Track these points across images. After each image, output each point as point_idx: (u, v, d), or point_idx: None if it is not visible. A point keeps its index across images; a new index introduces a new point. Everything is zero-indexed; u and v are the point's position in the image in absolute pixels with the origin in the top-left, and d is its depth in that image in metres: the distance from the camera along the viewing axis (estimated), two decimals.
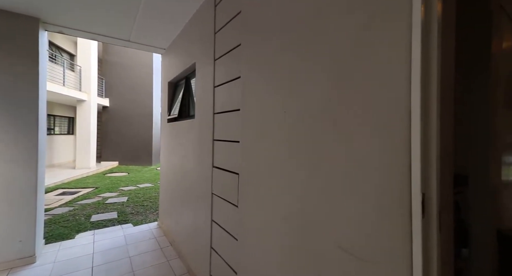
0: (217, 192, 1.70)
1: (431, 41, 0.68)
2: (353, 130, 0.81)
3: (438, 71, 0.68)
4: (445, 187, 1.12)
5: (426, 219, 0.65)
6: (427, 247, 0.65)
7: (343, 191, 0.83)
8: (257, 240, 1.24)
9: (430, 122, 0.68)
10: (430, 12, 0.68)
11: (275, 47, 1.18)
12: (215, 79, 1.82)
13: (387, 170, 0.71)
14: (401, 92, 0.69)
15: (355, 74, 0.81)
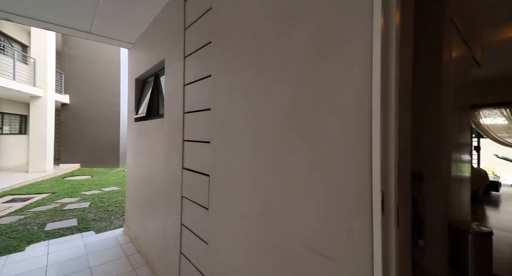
0: (187, 195, 1.64)
1: (390, 48, 0.71)
2: (318, 132, 0.82)
3: (396, 76, 0.72)
4: (403, 185, 1.19)
5: (386, 216, 0.68)
6: (387, 242, 0.68)
7: (309, 191, 0.84)
8: (227, 243, 1.21)
9: (389, 125, 0.71)
10: (389, 21, 0.71)
11: (244, 46, 1.16)
12: (185, 77, 1.75)
13: (350, 170, 0.73)
14: (363, 95, 0.71)
15: (320, 77, 0.82)
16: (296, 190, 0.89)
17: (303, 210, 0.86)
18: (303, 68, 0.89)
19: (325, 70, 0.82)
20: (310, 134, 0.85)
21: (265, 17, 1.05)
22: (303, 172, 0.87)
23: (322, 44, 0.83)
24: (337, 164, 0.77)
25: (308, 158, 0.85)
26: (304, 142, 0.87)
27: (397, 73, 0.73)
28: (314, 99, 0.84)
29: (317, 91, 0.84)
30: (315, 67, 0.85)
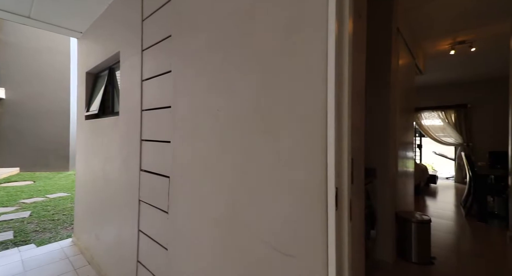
0: (145, 199, 1.53)
1: (343, 53, 0.75)
2: (280, 131, 0.83)
3: (349, 79, 0.76)
4: (358, 180, 1.28)
5: (339, 210, 0.72)
6: (340, 235, 0.72)
7: (272, 190, 0.84)
8: (189, 248, 1.16)
9: (343, 125, 0.75)
10: (342, 27, 0.75)
11: (207, 42, 1.12)
12: (143, 72, 1.63)
13: (309, 168, 0.75)
14: (320, 97, 0.74)
15: (281, 76, 0.83)
16: (260, 189, 0.89)
17: (266, 209, 0.86)
18: (266, 67, 0.89)
19: (286, 70, 0.83)
20: (273, 133, 0.86)
21: (228, 13, 1.03)
22: (266, 171, 0.87)
23: (283, 45, 0.84)
24: (297, 163, 0.79)
25: (271, 157, 0.86)
26: (267, 140, 0.87)
27: (350, 76, 0.77)
28: (276, 99, 0.85)
29: (278, 91, 0.85)
30: (277, 66, 0.85)
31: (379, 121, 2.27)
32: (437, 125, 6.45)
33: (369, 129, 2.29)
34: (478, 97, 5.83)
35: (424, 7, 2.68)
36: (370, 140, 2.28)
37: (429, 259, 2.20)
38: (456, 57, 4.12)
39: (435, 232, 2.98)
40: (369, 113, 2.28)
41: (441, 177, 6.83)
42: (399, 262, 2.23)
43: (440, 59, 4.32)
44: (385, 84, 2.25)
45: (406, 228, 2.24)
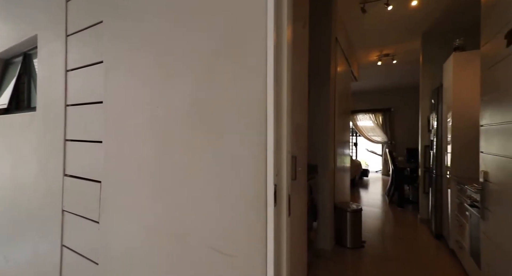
0: (70, 208, 1.32)
1: (282, 58, 0.78)
2: (223, 130, 0.82)
3: (288, 82, 0.80)
4: (300, 177, 1.36)
5: (278, 206, 0.75)
6: (279, 230, 0.75)
7: (213, 190, 0.82)
8: (123, 259, 1.05)
9: (282, 125, 0.78)
10: (281, 32, 0.78)
11: (143, 33, 1.03)
12: (67, 61, 1.40)
13: (250, 166, 0.76)
14: (260, 97, 0.76)
15: (224, 74, 0.82)
16: (202, 191, 0.85)
17: (208, 212, 0.84)
18: (207, 65, 0.86)
19: (227, 69, 0.82)
20: (215, 132, 0.84)
21: (166, 5, 0.96)
22: (208, 172, 0.84)
23: (223, 44, 0.83)
24: (239, 162, 0.78)
25: (213, 157, 0.84)
26: (210, 139, 0.85)
27: (289, 79, 0.81)
28: (218, 97, 0.84)
29: (220, 90, 0.83)
30: (218, 65, 0.84)
31: (321, 122, 2.47)
32: (368, 126, 7.42)
33: (312, 129, 2.47)
34: (399, 102, 6.93)
35: (357, 22, 3.04)
36: (313, 139, 2.46)
37: (360, 243, 2.51)
38: (382, 67, 4.81)
39: (366, 219, 3.43)
40: (312, 115, 2.47)
41: (372, 170, 7.89)
42: (337, 248, 2.48)
43: (370, 68, 4.97)
44: (325, 88, 2.46)
45: (342, 217, 2.50)
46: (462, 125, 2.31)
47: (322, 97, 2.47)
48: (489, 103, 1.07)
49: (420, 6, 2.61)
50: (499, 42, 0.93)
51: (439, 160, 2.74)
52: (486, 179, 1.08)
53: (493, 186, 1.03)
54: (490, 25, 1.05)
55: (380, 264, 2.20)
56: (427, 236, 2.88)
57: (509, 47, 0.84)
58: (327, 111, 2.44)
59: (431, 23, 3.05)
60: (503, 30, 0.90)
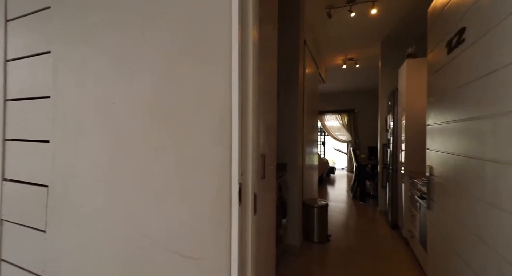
0: (10, 217, 1.16)
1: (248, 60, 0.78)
2: (187, 129, 0.79)
3: (253, 82, 0.80)
4: (269, 175, 1.38)
5: (243, 206, 0.74)
6: (244, 230, 0.75)
7: (177, 191, 0.79)
8: (75, 271, 0.96)
9: (248, 125, 0.78)
10: (246, 33, 0.77)
11: (100, 21, 0.94)
12: (7, 50, 1.23)
13: (215, 165, 0.75)
14: (225, 97, 0.74)
15: (188, 72, 0.79)
16: (164, 192, 0.81)
17: (171, 214, 0.80)
18: (171, 60, 0.82)
19: (192, 67, 0.79)
20: (179, 131, 0.80)
21: None
22: (169, 171, 0.81)
23: (189, 38, 0.79)
24: (203, 161, 0.76)
25: (177, 156, 0.80)
26: (171, 138, 0.81)
27: (255, 79, 0.81)
28: (181, 94, 0.80)
29: (184, 87, 0.80)
30: (183, 61, 0.80)
31: (290, 122, 2.53)
32: (335, 126, 7.84)
33: (282, 129, 2.53)
34: (362, 104, 7.43)
35: (323, 26, 3.17)
36: (283, 138, 2.51)
37: (326, 237, 2.64)
38: (347, 70, 5.10)
39: (332, 214, 3.61)
40: (282, 114, 2.52)
41: (338, 168, 8.34)
42: (305, 243, 2.57)
43: (336, 71, 5.25)
44: (295, 89, 2.53)
45: (310, 213, 2.61)
46: (414, 125, 2.56)
47: (291, 98, 2.54)
48: (433, 105, 1.19)
49: (379, 15, 2.82)
50: (441, 50, 1.05)
51: (395, 157, 3.00)
52: (431, 173, 1.21)
53: (437, 179, 1.16)
54: (434, 35, 1.18)
55: (344, 256, 2.33)
56: (384, 227, 3.13)
57: (449, 55, 0.94)
58: (295, 111, 2.51)
59: (389, 32, 3.32)
60: (444, 40, 1.00)
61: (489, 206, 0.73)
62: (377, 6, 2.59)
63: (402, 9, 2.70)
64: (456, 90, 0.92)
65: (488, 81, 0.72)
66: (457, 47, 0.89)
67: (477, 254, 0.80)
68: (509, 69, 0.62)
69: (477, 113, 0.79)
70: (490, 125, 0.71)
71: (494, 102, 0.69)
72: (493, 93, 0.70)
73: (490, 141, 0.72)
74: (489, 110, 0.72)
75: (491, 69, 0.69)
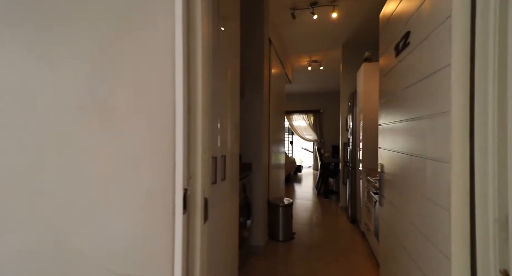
0: None
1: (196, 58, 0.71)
2: (125, 127, 0.69)
3: (203, 80, 0.73)
4: (231, 177, 1.32)
5: (189, 214, 0.68)
6: (191, 240, 0.68)
7: (112, 200, 0.69)
8: None
9: (197, 124, 0.71)
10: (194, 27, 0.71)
11: None
12: None
13: (156, 169, 0.66)
14: (168, 94, 0.67)
15: (126, 64, 0.69)
16: (95, 200, 0.70)
17: (104, 225, 0.69)
18: (106, 49, 0.71)
19: (130, 60, 0.69)
20: (116, 130, 0.70)
21: None
22: (103, 177, 0.70)
23: (125, 21, 0.70)
24: (144, 164, 0.68)
25: (109, 160, 0.70)
26: (106, 139, 0.70)
27: (205, 76, 0.74)
28: (118, 88, 0.70)
29: (121, 80, 0.70)
30: (120, 51, 0.70)
31: (255, 121, 2.50)
32: (302, 126, 8.09)
33: (247, 128, 2.49)
34: (326, 104, 7.79)
35: (288, 27, 3.22)
36: (248, 138, 2.48)
37: (291, 235, 2.68)
38: (312, 72, 5.28)
39: (297, 211, 3.70)
40: (247, 114, 2.48)
41: (305, 166, 8.64)
42: (270, 242, 2.57)
43: (302, 72, 5.40)
44: (260, 88, 2.51)
45: (275, 212, 2.62)
46: (370, 125, 2.73)
47: (257, 97, 2.51)
48: (384, 106, 1.26)
49: (339, 20, 2.95)
50: (391, 54, 1.10)
51: (354, 154, 3.17)
52: (382, 170, 1.27)
53: (387, 176, 1.22)
54: (384, 39, 1.24)
55: (307, 252, 2.39)
56: (345, 221, 3.30)
57: (397, 57, 0.99)
58: (261, 110, 2.49)
59: (349, 37, 3.50)
60: (393, 43, 1.05)
61: (428, 201, 0.77)
62: (337, 11, 2.70)
63: (359, 15, 2.86)
64: (403, 92, 0.97)
65: (429, 83, 0.76)
66: (403, 50, 0.94)
67: (419, 248, 0.85)
68: (445, 71, 0.65)
69: (419, 113, 0.83)
70: (430, 125, 0.75)
71: (434, 103, 0.73)
72: (432, 94, 0.74)
73: (429, 140, 0.76)
74: (428, 110, 0.76)
75: (431, 71, 0.72)
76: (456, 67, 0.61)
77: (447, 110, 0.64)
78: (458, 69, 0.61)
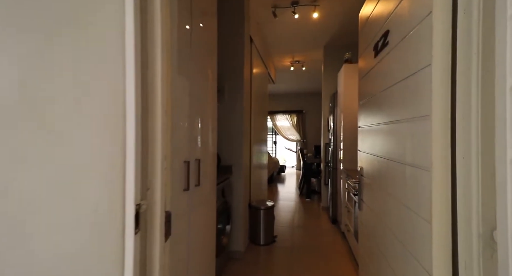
0: None
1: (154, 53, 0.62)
2: (64, 129, 0.58)
3: (163, 80, 0.64)
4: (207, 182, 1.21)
5: (147, 232, 0.58)
6: (148, 263, 0.58)
7: (49, 218, 0.57)
8: None
9: (155, 127, 0.62)
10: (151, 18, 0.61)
11: None
12: None
13: (102, 182, 0.56)
14: (118, 93, 0.57)
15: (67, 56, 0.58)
16: (29, 221, 0.58)
17: (40, 251, 0.58)
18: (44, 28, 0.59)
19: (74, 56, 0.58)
20: (50, 134, 0.58)
21: None
22: (41, 192, 0.58)
23: (69, 10, 0.58)
24: (87, 176, 0.57)
25: (47, 169, 0.58)
26: (41, 144, 0.59)
27: (164, 75, 0.65)
28: (57, 84, 0.59)
29: (62, 76, 0.58)
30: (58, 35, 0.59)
31: (236, 122, 2.41)
32: (285, 126, 8.11)
33: (228, 129, 2.39)
34: (309, 105, 7.86)
35: (270, 26, 3.16)
36: (228, 139, 2.38)
37: (272, 239, 2.62)
38: (294, 73, 5.28)
39: (279, 213, 3.66)
40: (228, 115, 2.39)
41: (288, 166, 8.68)
42: (251, 247, 2.50)
43: (285, 73, 5.39)
44: (241, 87, 2.42)
45: (257, 215, 2.55)
46: (350, 126, 2.74)
47: (238, 97, 2.42)
48: (363, 108, 1.23)
49: (321, 20, 2.94)
50: (370, 53, 1.06)
51: (335, 155, 3.18)
52: (361, 174, 1.24)
53: (366, 180, 1.19)
54: (364, 39, 1.21)
55: (288, 256, 2.34)
56: (326, 222, 3.31)
57: (376, 57, 0.95)
58: (242, 111, 2.40)
59: (330, 37, 3.52)
60: (372, 43, 1.02)
61: (407, 209, 0.73)
62: (318, 11, 2.68)
63: (340, 16, 2.86)
64: (382, 93, 0.93)
65: (409, 84, 0.72)
66: (382, 50, 0.90)
67: (397, 255, 0.81)
68: (425, 72, 0.61)
69: (398, 116, 0.79)
70: (410, 129, 0.71)
71: (414, 106, 0.69)
72: (412, 97, 0.70)
73: (409, 145, 0.72)
74: (408, 114, 0.72)
75: (411, 72, 0.68)
76: (437, 67, 0.57)
77: (427, 114, 0.60)
78: (439, 70, 0.57)
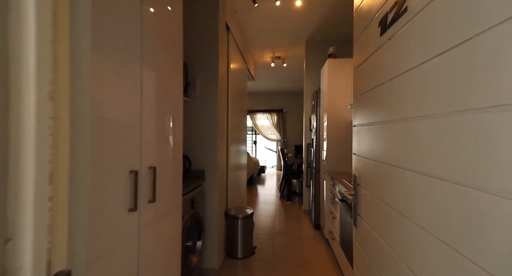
0: None
1: None
2: None
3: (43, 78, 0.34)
4: (168, 193, 0.91)
5: None
6: None
7: None
8: None
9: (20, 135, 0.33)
10: None
11: None
12: None
13: None
14: None
15: None
16: None
17: None
18: None
19: None
20: None
21: None
22: None
23: None
24: None
25: None
26: None
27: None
28: None
29: None
30: None
31: (210, 121, 2.11)
32: (266, 125, 7.90)
33: (199, 130, 2.09)
34: (290, 104, 7.73)
35: (249, 14, 2.89)
36: (200, 140, 2.08)
37: (251, 250, 2.36)
38: (275, 69, 5.07)
39: (259, 218, 3.41)
40: (200, 115, 2.08)
41: (269, 166, 8.49)
42: (227, 262, 2.21)
43: (265, 69, 5.15)
44: (214, 82, 2.12)
45: (234, 225, 2.27)
46: (335, 125, 2.57)
47: (212, 93, 2.12)
48: (360, 102, 1.01)
49: (303, 9, 2.73)
50: (372, 34, 0.84)
51: (318, 156, 3.01)
52: (357, 183, 1.03)
53: (364, 192, 0.97)
54: (361, 20, 0.99)
55: (269, 269, 2.10)
56: (308, 227, 3.13)
57: (383, 35, 0.72)
58: (216, 107, 2.11)
59: (313, 31, 3.33)
60: (375, 20, 0.79)
61: (435, 239, 0.51)
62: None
63: (323, 7, 2.67)
64: (394, 80, 0.71)
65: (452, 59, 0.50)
66: (395, 22, 0.68)
67: None
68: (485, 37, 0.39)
69: (426, 110, 0.57)
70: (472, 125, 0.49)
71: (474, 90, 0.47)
72: (468, 75, 0.48)
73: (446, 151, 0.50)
74: (450, 106, 0.50)
75: (456, 42, 0.46)
76: None
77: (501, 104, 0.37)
78: None
